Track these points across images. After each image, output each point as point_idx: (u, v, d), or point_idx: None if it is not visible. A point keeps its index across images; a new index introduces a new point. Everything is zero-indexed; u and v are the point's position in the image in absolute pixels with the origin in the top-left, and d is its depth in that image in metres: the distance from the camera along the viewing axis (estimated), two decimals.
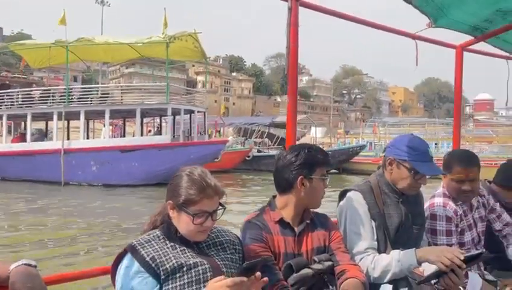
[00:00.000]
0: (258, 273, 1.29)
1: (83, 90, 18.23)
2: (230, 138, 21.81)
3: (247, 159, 22.61)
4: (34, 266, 1.25)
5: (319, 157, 1.72)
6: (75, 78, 40.44)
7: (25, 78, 40.07)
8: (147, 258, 1.34)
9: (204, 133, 18.87)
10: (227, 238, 1.55)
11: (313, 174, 1.69)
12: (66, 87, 16.79)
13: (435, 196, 2.15)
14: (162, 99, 16.27)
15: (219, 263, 1.44)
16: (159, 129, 19.66)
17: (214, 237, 1.52)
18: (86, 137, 18.10)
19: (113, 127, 22.84)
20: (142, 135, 18.03)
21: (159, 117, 19.53)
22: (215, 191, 1.42)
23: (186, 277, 1.35)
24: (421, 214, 2.00)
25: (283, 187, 1.74)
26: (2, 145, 17.14)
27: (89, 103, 16.58)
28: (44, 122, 19.59)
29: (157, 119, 20.42)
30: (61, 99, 16.56)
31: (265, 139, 28.54)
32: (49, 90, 17.71)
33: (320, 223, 1.78)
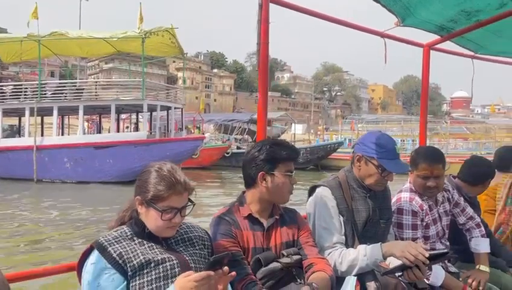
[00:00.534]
0: (226, 267, 1.32)
1: (57, 85, 17.79)
2: (208, 134, 21.70)
3: (227, 155, 22.55)
4: None
5: (281, 153, 1.71)
6: (52, 74, 39.37)
7: None
8: (114, 255, 1.34)
9: (182, 129, 18.70)
10: (196, 234, 1.56)
11: (275, 170, 1.71)
12: (39, 83, 16.31)
13: (402, 191, 2.22)
14: (138, 95, 16.01)
15: (187, 258, 1.45)
16: (137, 126, 19.43)
17: (182, 233, 1.53)
18: (61, 133, 17.66)
19: (90, 124, 22.44)
20: (118, 131, 17.74)
21: (136, 113, 19.22)
22: (185, 187, 1.42)
23: (153, 272, 1.36)
24: (388, 208, 2.06)
25: (248, 182, 1.78)
26: None
27: (63, 99, 16.15)
28: (18, 119, 19.09)
29: (135, 116, 20.16)
30: (33, 95, 16.10)
31: (246, 136, 28.52)
32: (21, 86, 17.14)
33: (289, 218, 1.81)
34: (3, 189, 13.39)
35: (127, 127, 21.68)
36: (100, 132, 19.29)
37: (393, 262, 1.83)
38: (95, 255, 1.36)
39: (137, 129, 18.63)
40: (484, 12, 2.59)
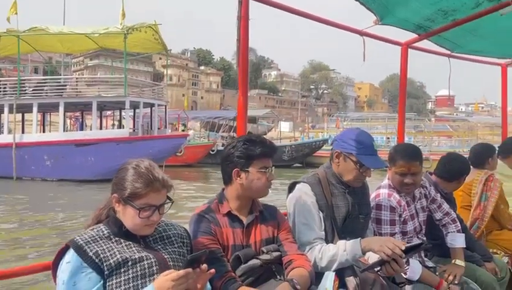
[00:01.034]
0: (204, 265, 1.32)
1: (37, 82, 17.45)
2: (192, 131, 21.59)
3: (212, 153, 22.50)
4: None
5: (255, 150, 1.71)
6: (36, 70, 38.65)
7: None
8: (90, 253, 1.32)
9: (166, 126, 18.57)
10: (174, 232, 1.54)
11: (249, 166, 1.70)
12: (18, 79, 15.95)
13: (381, 188, 2.25)
14: (120, 92, 15.79)
15: (166, 256, 1.43)
16: (120, 123, 19.22)
17: (161, 231, 1.51)
18: (41, 130, 17.38)
19: (73, 121, 22.07)
20: (101, 128, 17.49)
21: (119, 110, 18.99)
22: (163, 184, 1.40)
23: (131, 271, 1.34)
24: (367, 204, 2.08)
25: (225, 179, 1.78)
26: None
27: (43, 96, 15.83)
28: None
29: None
30: (13, 91, 15.73)
31: (232, 134, 28.47)
32: None
33: (269, 214, 1.81)
34: None
35: (112, 125, 21.43)
36: (82, 129, 19.00)
37: (372, 257, 1.87)
38: (70, 254, 1.33)
39: (120, 126, 18.39)
40: (460, 11, 2.63)
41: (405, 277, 2.00)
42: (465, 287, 2.19)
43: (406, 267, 1.98)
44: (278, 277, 1.68)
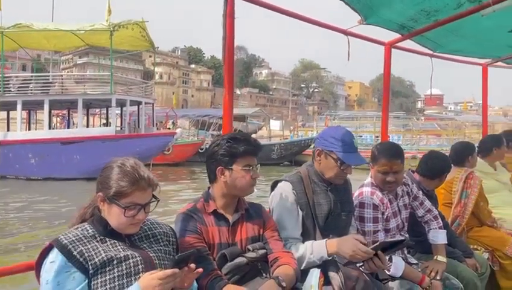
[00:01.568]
0: (192, 264, 1.32)
1: (23, 79, 17.14)
2: (179, 129, 21.43)
3: (201, 151, 22.39)
4: None
5: (239, 148, 1.71)
6: (24, 67, 38.08)
7: None
8: (74, 253, 1.31)
9: (153, 125, 18.41)
10: (160, 230, 1.54)
11: (233, 164, 1.71)
12: (2, 76, 15.59)
13: (364, 186, 2.28)
14: (106, 90, 15.62)
15: (152, 255, 1.43)
16: (107, 121, 19.01)
17: (146, 230, 1.51)
18: (27, 128, 17.09)
19: (60, 119, 21.77)
20: (88, 126, 17.27)
21: (106, 108, 18.77)
22: (149, 183, 1.40)
23: (116, 270, 1.33)
24: (349, 201, 2.10)
25: (210, 177, 1.79)
26: None
27: (28, 93, 15.56)
28: None
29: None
30: None
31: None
32: None
33: (254, 213, 1.82)
34: None
35: (105, 124, 21.19)
36: (69, 127, 18.72)
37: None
38: (54, 253, 1.32)
39: (107, 125, 18.16)
40: (442, 12, 2.67)
41: (388, 273, 2.03)
42: (447, 282, 2.22)
43: (389, 264, 2.01)
44: (264, 274, 1.69)
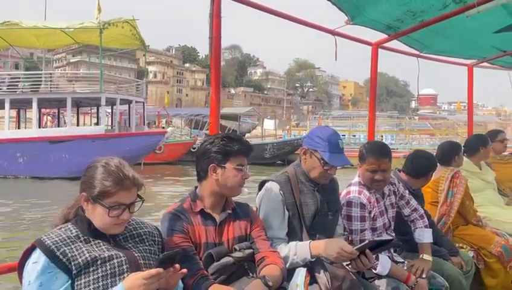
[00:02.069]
0: (177, 264, 1.31)
1: (11, 77, 16.84)
2: (170, 128, 21.33)
3: (193, 150, 22.30)
4: None
5: (233, 147, 1.72)
6: (17, 66, 37.76)
7: None
8: (57, 253, 1.29)
9: (144, 123, 18.29)
10: (145, 230, 1.53)
11: (226, 163, 1.71)
12: None
13: (351, 185, 2.29)
14: (96, 89, 15.48)
15: (136, 255, 1.42)
16: (97, 120, 18.86)
17: (131, 229, 1.49)
18: (17, 127, 16.92)
19: (51, 118, 21.57)
20: (78, 125, 17.10)
21: (96, 107, 18.51)
22: (133, 182, 1.39)
23: (100, 270, 1.32)
24: (336, 200, 2.11)
25: (199, 175, 1.77)
26: None
27: (18, 92, 15.37)
28: None
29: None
30: None
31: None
32: None
33: (242, 212, 1.82)
34: None
35: (95, 123, 21.06)
36: (59, 126, 18.51)
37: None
38: (37, 254, 1.31)
39: (98, 123, 18.03)
40: (428, 12, 2.69)
41: (375, 272, 2.05)
42: (432, 281, 2.24)
43: (376, 263, 2.03)
44: (251, 274, 1.69)
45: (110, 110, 18.21)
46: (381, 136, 27.05)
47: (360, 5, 2.58)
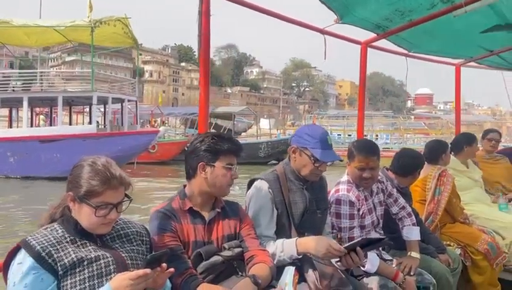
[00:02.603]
0: (164, 264, 1.30)
1: (2, 76, 16.64)
2: (162, 128, 21.22)
3: (186, 149, 22.19)
4: None
5: (223, 145, 1.72)
6: (12, 64, 37.51)
7: None
8: (43, 253, 1.28)
9: (137, 122, 18.19)
10: (133, 230, 1.52)
11: (216, 161, 1.70)
12: None
13: (340, 183, 2.30)
14: (88, 87, 15.37)
15: (124, 255, 1.41)
16: (90, 118, 18.77)
17: (119, 229, 1.48)
18: (9, 126, 16.77)
19: (45, 116, 21.42)
20: (70, 124, 16.94)
21: (89, 106, 18.37)
22: (121, 181, 1.38)
23: (87, 271, 1.31)
24: (324, 198, 2.12)
25: (188, 173, 1.76)
26: None
27: (9, 90, 15.22)
28: None
29: (101, 108, 19.41)
30: None
31: (212, 130, 28.19)
32: None
33: (231, 211, 1.81)
34: None
35: (88, 122, 20.94)
36: (52, 125, 18.21)
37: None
38: (22, 254, 1.29)
39: (90, 122, 17.86)
40: (416, 12, 2.71)
41: (363, 269, 2.06)
42: (420, 278, 2.26)
43: (364, 260, 2.04)
44: (240, 273, 1.68)
45: (101, 109, 18.10)
46: (377, 136, 27.12)
47: (349, 4, 2.59)
